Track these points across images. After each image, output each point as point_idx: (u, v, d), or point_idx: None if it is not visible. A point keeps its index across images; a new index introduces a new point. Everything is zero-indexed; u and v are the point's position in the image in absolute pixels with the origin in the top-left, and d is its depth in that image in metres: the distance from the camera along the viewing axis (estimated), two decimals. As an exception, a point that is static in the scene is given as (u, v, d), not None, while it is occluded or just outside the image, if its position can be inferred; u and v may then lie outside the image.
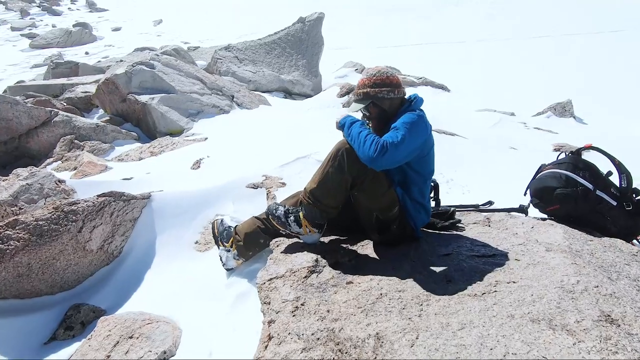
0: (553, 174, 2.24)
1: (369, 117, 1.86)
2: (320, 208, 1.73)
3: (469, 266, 1.57)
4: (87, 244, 1.97)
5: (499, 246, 1.77)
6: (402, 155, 1.60)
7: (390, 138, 1.60)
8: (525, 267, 1.50)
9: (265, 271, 1.68)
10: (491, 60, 15.10)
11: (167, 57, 6.02)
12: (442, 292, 1.40)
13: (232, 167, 3.49)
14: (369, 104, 1.81)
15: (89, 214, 1.99)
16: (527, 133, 6.56)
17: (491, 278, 1.45)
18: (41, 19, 26.65)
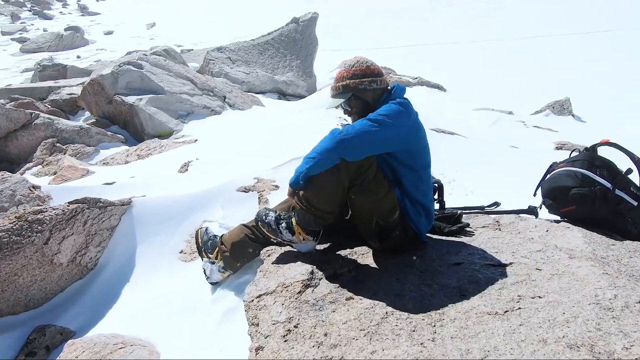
0: (567, 172, 2.07)
1: (350, 113, 1.68)
2: (315, 214, 1.53)
3: (484, 277, 1.39)
4: (56, 257, 1.76)
5: (515, 253, 1.58)
6: (364, 144, 1.46)
7: (350, 127, 1.48)
8: (549, 279, 1.32)
9: (254, 286, 1.49)
10: (486, 60, 15.03)
11: (155, 57, 5.81)
12: (457, 309, 1.21)
13: (222, 169, 3.29)
14: (350, 97, 1.64)
15: (57, 223, 1.78)
16: (526, 131, 6.43)
17: (512, 292, 1.26)
18: (32, 23, 26.33)
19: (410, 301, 1.29)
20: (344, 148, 1.44)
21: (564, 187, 2.03)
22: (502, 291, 1.28)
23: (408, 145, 1.58)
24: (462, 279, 1.39)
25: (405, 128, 1.54)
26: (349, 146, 1.44)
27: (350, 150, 1.45)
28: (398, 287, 1.39)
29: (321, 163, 1.47)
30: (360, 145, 1.45)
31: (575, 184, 1.99)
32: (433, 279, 1.43)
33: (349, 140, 1.43)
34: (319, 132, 4.59)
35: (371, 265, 1.63)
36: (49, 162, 3.85)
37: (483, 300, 1.24)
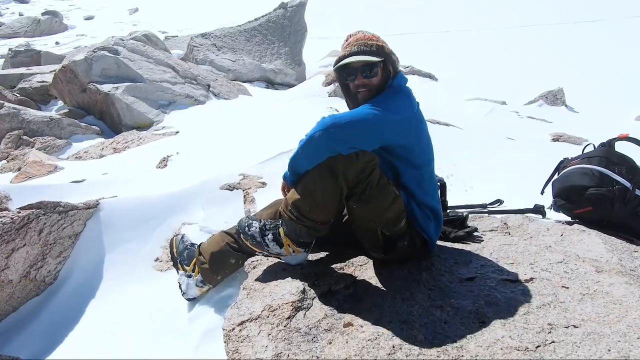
0: (583, 170, 1.88)
1: (366, 85, 1.38)
2: (306, 225, 1.31)
3: (503, 298, 1.19)
4: (3, 273, 1.51)
5: (534, 265, 1.40)
6: (360, 132, 1.24)
7: (345, 112, 1.28)
8: (580, 300, 1.13)
9: (235, 309, 1.27)
10: (477, 49, 14.87)
11: (133, 42, 5.43)
12: (478, 341, 1.02)
13: (205, 165, 3.03)
14: (381, 62, 1.38)
15: (4, 233, 1.52)
16: (521, 122, 6.29)
17: (540, 318, 1.07)
18: (7, 6, 25.06)
19: (420, 330, 1.08)
20: (335, 134, 1.21)
21: (579, 187, 1.85)
22: (528, 317, 1.08)
23: (409, 138, 1.36)
24: (479, 300, 1.20)
25: (407, 119, 1.32)
26: (341, 132, 1.21)
27: (343, 137, 1.22)
28: (404, 311, 1.18)
29: (309, 153, 1.25)
30: (355, 132, 1.22)
31: (592, 184, 1.82)
32: (444, 299, 1.23)
33: (342, 126, 1.21)
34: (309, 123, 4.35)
35: (371, 279, 1.43)
36: (15, 157, 3.52)
37: (507, 329, 1.04)
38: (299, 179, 1.31)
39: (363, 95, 1.39)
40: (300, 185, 1.30)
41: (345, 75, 1.42)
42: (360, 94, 1.40)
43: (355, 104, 1.44)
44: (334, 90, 5.91)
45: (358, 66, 1.37)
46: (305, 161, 1.27)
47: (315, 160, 1.24)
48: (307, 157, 1.26)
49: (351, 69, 1.39)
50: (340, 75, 1.45)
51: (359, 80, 1.38)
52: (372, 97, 1.38)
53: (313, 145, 1.24)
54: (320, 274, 1.46)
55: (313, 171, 1.26)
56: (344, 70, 1.42)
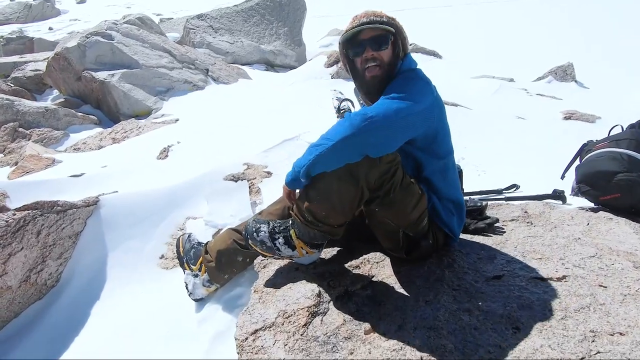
0: (611, 154, 1.76)
1: (376, 59, 1.25)
2: (322, 230, 1.21)
3: (537, 299, 1.11)
4: (1, 279, 1.43)
5: (565, 261, 1.30)
6: (396, 128, 1.11)
7: (371, 108, 1.11)
8: (622, 302, 1.04)
9: (247, 315, 1.19)
10: (482, 24, 14.40)
11: (127, 27, 5.21)
12: (515, 352, 0.93)
13: (207, 154, 2.93)
14: (391, 36, 1.25)
15: (0, 237, 1.43)
16: (530, 100, 6.09)
17: (581, 324, 0.99)
18: (-4, -9, 24.36)
19: (449, 339, 1.00)
20: (374, 136, 1.06)
21: (607, 172, 1.74)
22: (566, 323, 1.00)
23: (432, 125, 1.24)
24: (510, 302, 1.11)
25: (430, 106, 1.20)
26: (375, 136, 1.06)
27: (377, 141, 1.08)
28: (430, 315, 1.10)
29: (335, 156, 1.08)
30: (388, 134, 1.08)
31: (622, 169, 1.70)
32: (472, 301, 1.14)
33: (376, 128, 1.05)
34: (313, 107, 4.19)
35: (389, 278, 1.34)
36: (11, 150, 3.42)
37: (545, 337, 0.96)
38: (311, 181, 1.17)
39: (373, 73, 1.26)
40: (315, 190, 1.16)
41: (352, 49, 1.28)
42: (369, 71, 1.26)
43: (361, 83, 1.32)
44: (337, 71, 5.71)
45: (367, 37, 1.24)
46: (326, 166, 1.11)
47: (340, 164, 1.09)
48: (331, 162, 1.10)
49: (359, 41, 1.25)
50: (347, 50, 1.31)
51: (367, 53, 1.24)
52: (382, 75, 1.26)
53: (340, 150, 1.07)
54: (335, 273, 1.38)
55: (330, 174, 1.12)
56: (351, 44, 1.28)
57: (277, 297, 1.25)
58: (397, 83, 1.22)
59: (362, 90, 1.37)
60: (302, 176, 1.16)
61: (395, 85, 1.20)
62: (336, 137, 1.06)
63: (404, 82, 1.23)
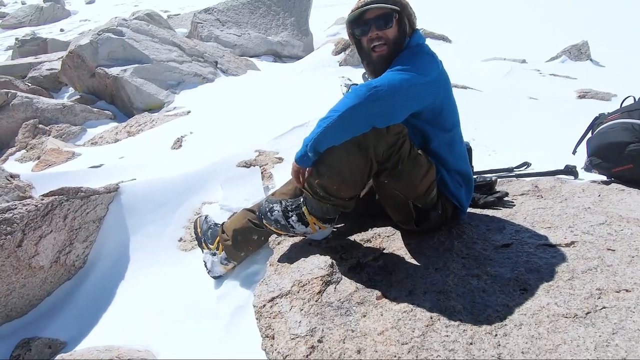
0: (623, 125, 1.75)
1: (381, 38, 1.27)
2: (334, 203, 1.25)
3: (544, 264, 1.13)
4: (34, 259, 1.53)
5: (574, 228, 1.32)
6: (402, 99, 1.13)
7: (378, 79, 1.12)
8: (630, 263, 1.06)
9: (264, 285, 1.25)
10: (490, 5, 14.03)
11: (137, 22, 5.30)
12: (521, 310, 0.97)
13: (219, 143, 2.99)
14: (396, 14, 1.26)
15: (30, 221, 1.53)
16: (543, 81, 5.97)
17: (587, 284, 1.01)
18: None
19: (458, 300, 1.04)
20: (374, 108, 1.08)
21: (619, 143, 1.73)
22: (573, 283, 1.02)
23: (438, 98, 1.27)
24: (517, 267, 1.14)
25: (436, 79, 1.23)
26: (381, 105, 1.09)
27: (383, 111, 1.10)
28: (439, 281, 1.14)
29: (342, 129, 1.10)
30: (394, 103, 1.11)
31: (634, 139, 1.69)
32: (480, 267, 1.18)
33: (381, 98, 1.08)
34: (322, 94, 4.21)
35: (400, 250, 1.38)
36: (33, 146, 3.56)
37: (552, 296, 0.99)
38: (320, 157, 1.19)
39: (379, 52, 1.28)
40: (325, 165, 1.18)
41: (358, 29, 1.31)
42: (376, 51, 1.29)
43: (368, 62, 1.34)
44: (345, 58, 5.69)
45: (372, 17, 1.26)
46: (334, 138, 1.13)
47: (348, 136, 1.12)
48: (338, 133, 1.12)
49: (364, 21, 1.28)
50: (353, 30, 1.34)
51: (372, 32, 1.27)
52: (389, 53, 1.28)
53: (348, 120, 1.09)
54: (347, 246, 1.43)
55: (339, 148, 1.14)
56: (356, 24, 1.31)
57: (292, 268, 1.31)
58: (403, 57, 1.25)
59: (369, 68, 1.39)
60: (309, 150, 1.17)
61: (401, 59, 1.23)
62: (342, 107, 1.09)
63: (409, 56, 1.25)
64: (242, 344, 1.35)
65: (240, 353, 1.30)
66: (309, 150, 1.18)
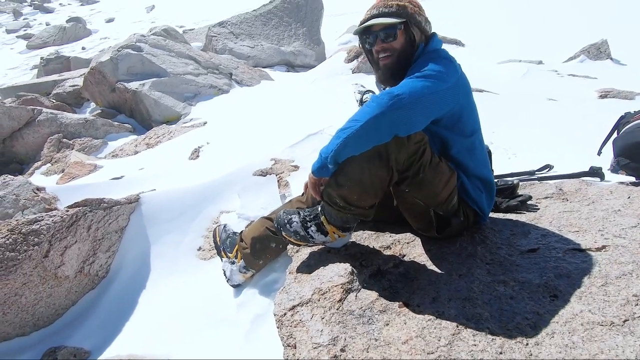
0: (651, 123, 1.69)
1: (387, 49, 1.27)
2: (354, 213, 1.23)
3: (575, 269, 1.09)
4: (59, 269, 1.57)
5: (604, 232, 1.26)
6: (424, 107, 1.11)
7: (398, 87, 1.11)
8: (668, 267, 1.01)
9: (284, 294, 1.24)
10: (504, 7, 13.89)
11: (154, 38, 5.47)
12: (553, 317, 0.93)
13: (236, 153, 3.03)
14: (402, 24, 1.26)
15: (56, 232, 1.57)
16: (562, 81, 5.84)
17: (622, 290, 0.96)
18: (34, 18, 26.05)
19: (485, 308, 1.01)
20: (401, 114, 1.07)
21: (648, 143, 1.66)
22: (607, 289, 0.98)
23: (458, 103, 1.25)
24: (546, 272, 1.10)
25: (455, 84, 1.21)
26: (404, 115, 1.07)
27: (409, 116, 1.09)
28: (464, 288, 1.11)
29: (365, 137, 1.08)
30: (419, 107, 1.09)
31: (664, 137, 1.62)
32: (506, 274, 1.14)
33: (404, 107, 1.06)
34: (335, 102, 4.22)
35: (421, 256, 1.35)
36: (57, 160, 3.68)
37: (585, 303, 0.94)
38: (340, 168, 1.17)
39: (385, 62, 1.29)
40: (345, 175, 1.17)
41: (365, 41, 1.33)
42: (382, 61, 1.30)
43: (377, 70, 1.36)
44: (358, 66, 5.71)
45: (377, 30, 1.28)
46: (355, 148, 1.11)
47: (369, 146, 1.10)
48: (360, 143, 1.09)
49: (371, 33, 1.30)
50: (362, 41, 1.36)
51: (378, 45, 1.29)
52: (393, 63, 1.29)
53: (371, 129, 1.07)
54: (366, 253, 1.41)
55: (359, 158, 1.12)
56: (364, 35, 1.33)
57: (311, 277, 1.29)
58: (421, 63, 1.23)
59: (377, 76, 1.40)
60: (329, 162, 1.16)
61: (419, 65, 1.22)
62: (364, 117, 1.07)
63: (427, 62, 1.23)
64: (262, 353, 1.34)
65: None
66: (328, 162, 1.16)
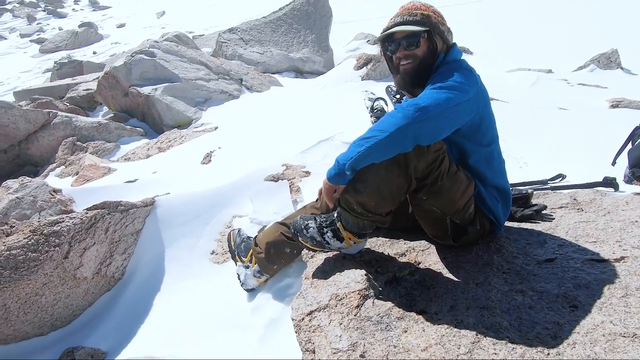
0: (667, 134, 1.69)
1: (408, 57, 1.30)
2: (372, 219, 1.25)
3: (594, 280, 1.09)
4: (78, 271, 1.60)
5: (622, 243, 1.26)
6: (447, 117, 1.13)
7: (420, 98, 1.13)
8: (689, 279, 1.00)
9: (301, 299, 1.25)
10: (512, 15, 13.91)
11: (167, 43, 5.56)
12: (574, 328, 0.93)
13: (247, 158, 3.06)
14: (425, 32, 1.29)
15: (76, 233, 1.60)
16: (572, 91, 5.82)
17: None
18: (48, 22, 26.60)
19: (504, 317, 1.01)
20: (426, 125, 1.09)
21: (663, 153, 1.66)
22: (628, 300, 0.98)
23: (478, 113, 1.27)
24: (564, 282, 1.10)
25: (475, 94, 1.23)
26: (432, 123, 1.09)
27: (433, 128, 1.10)
28: (481, 296, 1.11)
29: (390, 146, 1.10)
30: (443, 119, 1.11)
31: (680, 149, 1.62)
32: (524, 283, 1.14)
33: (432, 113, 1.08)
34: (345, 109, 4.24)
35: (436, 264, 1.36)
36: (71, 162, 3.74)
37: (606, 314, 0.94)
38: (358, 175, 1.18)
39: (405, 68, 1.32)
40: (363, 182, 1.18)
41: (388, 48, 1.36)
42: (402, 67, 1.33)
43: (396, 76, 1.38)
44: (367, 73, 5.75)
45: (400, 37, 1.31)
46: (378, 157, 1.13)
47: (391, 155, 1.12)
48: (383, 152, 1.11)
49: (393, 40, 1.33)
50: (384, 47, 1.39)
51: (400, 52, 1.32)
52: (413, 68, 1.31)
53: (395, 140, 1.08)
54: (382, 260, 1.42)
55: (378, 166, 1.14)
56: (387, 42, 1.36)
57: (327, 282, 1.31)
58: (443, 73, 1.25)
59: (396, 81, 1.42)
60: (347, 168, 1.17)
61: (441, 75, 1.23)
62: (391, 127, 1.08)
63: (448, 72, 1.25)
64: (277, 357, 1.35)
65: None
66: (347, 168, 1.16)
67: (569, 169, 2.47)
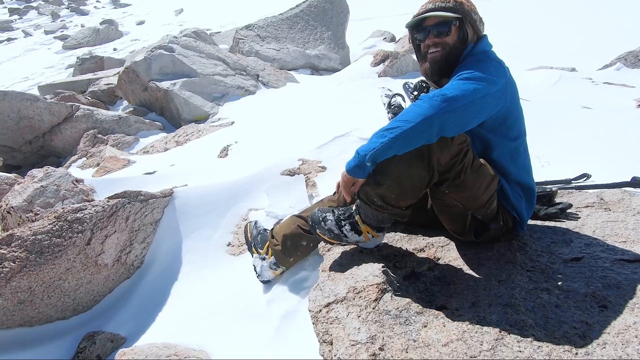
0: None
1: (438, 44, 1.27)
2: (392, 212, 1.23)
3: (624, 280, 1.04)
4: (99, 257, 1.63)
5: (654, 243, 1.21)
6: (473, 109, 1.10)
7: (447, 88, 1.10)
8: None
9: (319, 291, 1.24)
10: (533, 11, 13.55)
11: (186, 39, 5.63)
12: (603, 328, 0.89)
13: (263, 152, 3.07)
14: (457, 20, 1.25)
15: (98, 221, 1.64)
16: (597, 89, 5.62)
17: (679, 302, 0.92)
18: (71, 20, 27.35)
19: (528, 315, 0.98)
20: (453, 116, 1.06)
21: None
22: (662, 301, 0.93)
23: (505, 106, 1.23)
24: (593, 282, 1.06)
25: (504, 86, 1.19)
26: (459, 114, 1.06)
27: (460, 119, 1.08)
28: (505, 294, 1.08)
29: (415, 137, 1.07)
30: (470, 110, 1.08)
31: None
32: (549, 281, 1.10)
33: (460, 104, 1.05)
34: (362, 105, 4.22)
35: (456, 260, 1.33)
36: (92, 154, 3.83)
37: (637, 315, 0.90)
38: (378, 167, 1.16)
39: (434, 56, 1.28)
40: (384, 174, 1.15)
41: (418, 35, 1.32)
42: (431, 55, 1.29)
43: (422, 64, 1.35)
44: (384, 70, 5.69)
45: (431, 24, 1.27)
46: (401, 148, 1.10)
47: (415, 146, 1.09)
48: (408, 143, 1.07)
49: (423, 27, 1.29)
50: (413, 35, 1.35)
51: (430, 39, 1.28)
52: (441, 56, 1.27)
53: (422, 130, 1.05)
54: (400, 255, 1.40)
55: (400, 158, 1.11)
56: (416, 29, 1.32)
57: (345, 275, 1.29)
58: (470, 64, 1.21)
59: (422, 69, 1.38)
60: (368, 160, 1.14)
61: (469, 66, 1.20)
62: (416, 118, 1.06)
63: (476, 63, 1.21)
64: (293, 348, 1.35)
65: (292, 356, 1.29)
66: (367, 160, 1.14)
67: (594, 169, 2.39)
